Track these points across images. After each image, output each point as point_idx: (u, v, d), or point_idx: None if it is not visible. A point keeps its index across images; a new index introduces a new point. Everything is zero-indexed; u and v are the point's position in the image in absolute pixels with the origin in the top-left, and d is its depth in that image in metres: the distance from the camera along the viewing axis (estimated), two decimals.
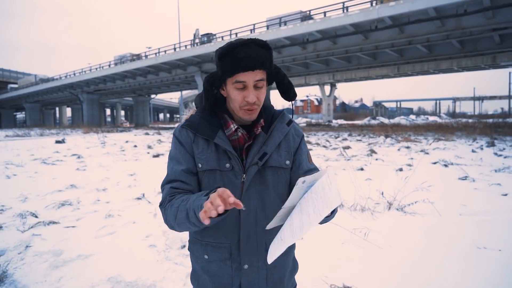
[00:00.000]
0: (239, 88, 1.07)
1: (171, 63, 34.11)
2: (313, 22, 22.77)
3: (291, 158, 1.18)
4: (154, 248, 3.19)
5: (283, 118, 1.19)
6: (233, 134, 1.12)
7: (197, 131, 1.12)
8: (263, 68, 1.06)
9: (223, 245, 1.12)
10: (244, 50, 1.03)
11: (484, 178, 6.24)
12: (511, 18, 17.95)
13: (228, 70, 1.05)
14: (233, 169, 1.09)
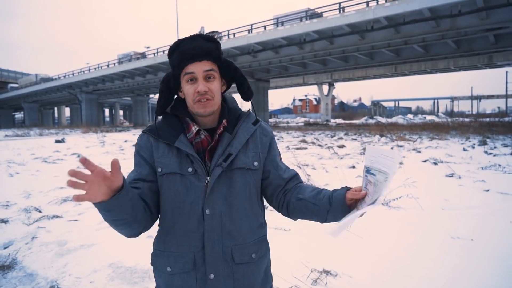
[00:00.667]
0: (189, 81, 1.07)
1: (167, 63, 34.27)
2: (310, 23, 23.01)
3: (260, 159, 1.14)
4: (151, 239, 3.41)
5: (248, 118, 1.17)
6: (195, 136, 1.11)
7: (157, 136, 1.10)
8: (210, 59, 1.07)
9: (186, 254, 1.07)
10: (189, 42, 1.06)
11: (470, 175, 6.49)
12: (504, 19, 18.21)
13: (177, 63, 1.07)
14: (196, 172, 1.07)
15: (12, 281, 2.59)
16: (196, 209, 1.05)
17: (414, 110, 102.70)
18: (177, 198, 1.07)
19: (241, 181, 1.10)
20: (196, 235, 1.06)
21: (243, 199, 1.10)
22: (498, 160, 8.28)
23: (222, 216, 1.07)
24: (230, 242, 1.07)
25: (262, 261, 1.15)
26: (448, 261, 2.83)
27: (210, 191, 1.05)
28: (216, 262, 1.06)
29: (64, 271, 2.68)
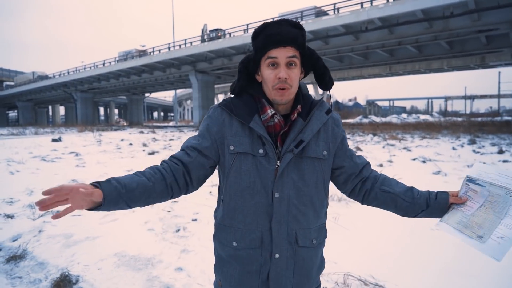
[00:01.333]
0: (271, 65, 1.07)
1: (165, 62, 34.44)
2: (305, 23, 23.25)
3: (329, 149, 1.15)
4: (152, 232, 3.65)
5: (322, 106, 1.16)
6: (269, 119, 1.11)
7: (233, 113, 1.11)
8: (294, 45, 1.06)
9: (254, 232, 1.10)
10: (275, 27, 1.05)
11: (456, 172, 6.77)
12: (495, 20, 18.57)
13: (260, 47, 1.07)
14: (267, 155, 1.08)
15: (24, 269, 2.81)
16: (266, 190, 1.08)
17: (408, 109, 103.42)
18: (248, 178, 1.09)
19: (309, 169, 1.11)
20: (264, 215, 1.09)
21: (310, 187, 1.12)
22: (484, 158, 8.59)
23: (289, 200, 1.09)
24: (296, 226, 1.10)
25: (320, 247, 1.20)
26: (425, 248, 3.08)
27: (280, 175, 1.07)
28: (282, 243, 1.09)
29: (73, 260, 2.90)
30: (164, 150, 11.95)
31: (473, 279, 2.51)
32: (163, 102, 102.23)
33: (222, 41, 28.77)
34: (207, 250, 3.08)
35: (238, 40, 27.41)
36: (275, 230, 1.08)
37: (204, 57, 31.37)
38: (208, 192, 5.46)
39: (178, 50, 32.87)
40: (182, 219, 4.08)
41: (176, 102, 61.26)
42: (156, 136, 19.96)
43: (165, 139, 17.58)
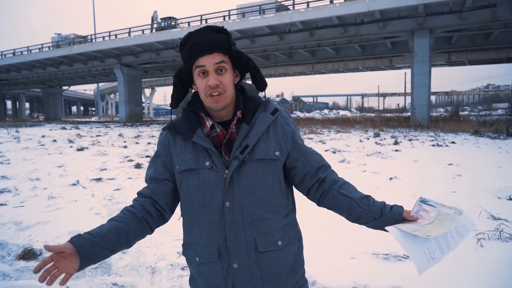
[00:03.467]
0: (201, 74, 1.06)
1: (87, 54, 32.68)
2: (232, 22, 24.12)
3: (282, 149, 1.13)
4: (99, 215, 4.16)
5: (267, 107, 1.14)
6: (210, 131, 1.12)
7: (175, 132, 1.13)
8: (221, 51, 1.05)
9: (211, 245, 1.10)
10: (199, 36, 1.04)
11: (357, 160, 8.18)
12: (397, 29, 21.38)
13: (187, 57, 1.07)
14: (214, 166, 1.08)
15: None
16: (216, 202, 1.08)
17: (331, 105, 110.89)
18: (197, 192, 1.10)
19: (261, 172, 1.09)
20: (218, 227, 1.08)
21: (264, 190, 1.10)
22: (381, 149, 10.31)
23: (242, 207, 1.07)
24: (253, 232, 1.08)
25: (289, 248, 1.16)
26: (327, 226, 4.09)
27: (228, 184, 1.06)
28: (240, 252, 1.08)
29: (32, 239, 3.33)
30: (93, 146, 11.88)
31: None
32: (83, 96, 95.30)
33: (149, 36, 28.32)
34: None
35: (166, 35, 27.26)
36: (231, 240, 1.08)
37: (130, 51, 30.50)
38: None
39: (101, 42, 31.46)
40: (123, 205, 4.58)
41: (99, 96, 58.02)
42: (80, 133, 19.22)
43: (92, 135, 17.12)
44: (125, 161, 8.56)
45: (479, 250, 2.95)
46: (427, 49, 20.55)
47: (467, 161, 7.86)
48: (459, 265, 2.70)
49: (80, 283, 2.53)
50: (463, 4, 18.34)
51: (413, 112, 21.63)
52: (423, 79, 20.82)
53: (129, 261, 2.87)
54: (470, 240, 3.12)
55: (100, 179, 6.27)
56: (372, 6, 19.59)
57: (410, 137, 13.85)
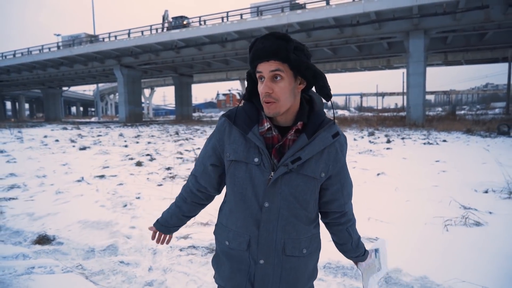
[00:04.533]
0: (260, 79, 1.10)
1: (87, 55, 33.04)
2: (231, 23, 24.48)
3: (328, 172, 1.16)
4: (104, 207, 4.51)
5: (330, 128, 1.16)
6: (266, 132, 1.14)
7: (234, 123, 1.16)
8: (278, 59, 1.06)
9: (243, 235, 1.17)
10: (262, 42, 1.07)
11: (348, 158, 8.51)
12: (393, 30, 21.73)
13: (250, 61, 1.12)
14: (262, 164, 1.12)
15: (3, 236, 3.53)
16: (256, 199, 1.13)
17: (329, 105, 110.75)
18: (241, 185, 1.16)
19: (303, 186, 1.14)
20: (253, 222, 1.15)
21: (301, 202, 1.15)
22: (374, 147, 10.67)
23: (279, 211, 1.13)
24: (284, 235, 1.15)
25: (311, 257, 1.24)
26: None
27: (271, 186, 1.11)
28: (268, 250, 1.15)
29: (45, 227, 3.69)
30: (95, 146, 12.23)
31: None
32: (83, 96, 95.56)
33: (149, 37, 28.68)
34: (152, 216, 4.05)
35: (165, 36, 27.60)
36: (262, 238, 1.14)
37: (130, 52, 30.85)
38: (146, 178, 6.35)
39: (102, 43, 31.82)
40: (127, 198, 4.96)
41: (98, 96, 58.32)
42: (81, 133, 19.56)
43: (93, 135, 17.46)
44: (126, 159, 8.90)
45: (444, 233, 3.31)
46: (422, 50, 20.91)
47: (454, 158, 8.22)
48: (426, 246, 3.06)
49: (91, 263, 2.88)
50: (456, 5, 18.70)
51: (408, 112, 21.99)
52: (418, 79, 21.18)
53: (133, 244, 3.22)
54: (437, 225, 3.49)
55: (103, 176, 6.61)
56: (367, 8, 19.96)
57: (403, 136, 14.22)
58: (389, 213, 3.96)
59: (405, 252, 2.90)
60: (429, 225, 3.56)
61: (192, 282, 2.48)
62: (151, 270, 2.71)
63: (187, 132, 19.26)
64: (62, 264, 2.79)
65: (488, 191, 4.99)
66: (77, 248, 3.18)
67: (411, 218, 3.80)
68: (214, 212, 1.58)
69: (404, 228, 3.51)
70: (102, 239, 3.37)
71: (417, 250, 2.98)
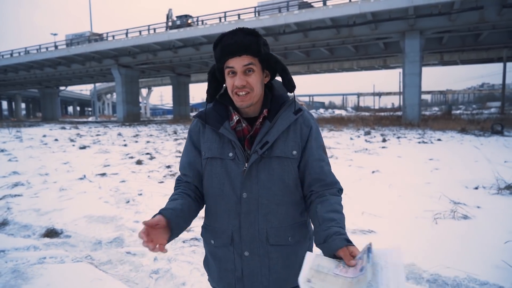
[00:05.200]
0: (230, 73, 1.12)
1: (85, 55, 33.06)
2: (228, 23, 24.62)
3: (299, 149, 1.16)
4: (108, 203, 4.67)
5: (290, 107, 1.18)
6: (236, 125, 1.18)
7: (205, 121, 1.20)
8: (249, 53, 1.09)
9: (226, 231, 1.16)
10: (230, 37, 1.09)
11: (344, 156, 8.71)
12: (389, 30, 21.95)
13: (218, 57, 1.12)
14: (237, 158, 1.14)
15: (12, 230, 3.68)
16: (234, 192, 1.14)
17: (327, 104, 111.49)
18: (218, 180, 1.17)
19: (278, 168, 1.14)
20: (234, 215, 1.15)
21: (280, 186, 1.14)
22: (369, 146, 10.86)
23: (258, 199, 1.13)
24: (266, 225, 1.14)
25: (300, 245, 1.20)
26: None
27: (247, 176, 1.12)
28: (251, 241, 1.14)
29: (52, 221, 3.84)
30: (95, 145, 12.37)
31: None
32: (80, 96, 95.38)
33: (146, 37, 28.76)
34: (155, 211, 4.18)
35: (163, 36, 27.71)
36: (244, 229, 1.14)
37: (127, 52, 30.93)
38: (147, 176, 6.51)
39: (99, 43, 31.86)
40: (129, 195, 5.12)
41: (96, 96, 58.31)
42: (80, 132, 19.67)
43: (92, 135, 17.58)
44: (126, 158, 9.05)
45: (433, 226, 3.49)
46: (417, 50, 21.14)
47: (447, 156, 8.42)
48: (415, 237, 3.24)
49: (99, 254, 3.04)
50: (451, 6, 18.93)
51: (404, 111, 22.22)
52: (414, 79, 21.41)
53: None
54: (427, 218, 3.67)
55: (104, 174, 6.76)
56: (363, 8, 20.16)
57: (399, 135, 14.43)
58: (382, 208, 4.14)
59: (394, 242, 3.08)
60: (420, 219, 3.74)
61: (196, 270, 2.65)
62: (156, 260, 2.87)
63: (185, 132, 19.40)
64: (71, 255, 2.95)
65: (478, 187, 5.18)
66: (84, 240, 3.34)
67: (402, 212, 3.98)
68: None
69: (396, 221, 3.69)
70: (108, 232, 3.53)
71: (406, 240, 3.16)
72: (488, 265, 2.64)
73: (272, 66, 1.17)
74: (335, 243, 0.98)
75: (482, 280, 2.43)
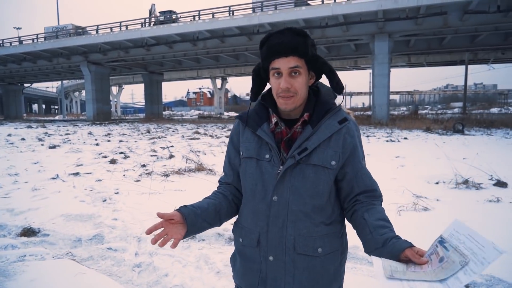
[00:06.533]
0: (276, 74, 1.10)
1: (52, 51, 31.91)
2: (202, 22, 24.57)
3: (339, 159, 1.12)
4: (84, 202, 4.67)
5: (335, 115, 1.14)
6: (275, 127, 1.16)
7: (245, 123, 1.20)
8: (297, 54, 1.07)
9: (253, 232, 1.15)
10: (278, 37, 1.08)
11: None
12: (360, 32, 22.67)
13: (264, 57, 1.11)
14: (272, 160, 1.12)
15: None
16: (266, 193, 1.13)
17: None
18: (252, 180, 1.16)
19: (314, 176, 1.10)
20: (262, 217, 1.13)
21: (313, 194, 1.11)
22: None
23: (288, 205, 1.10)
24: (294, 231, 1.10)
25: (330, 258, 1.14)
26: None
27: (280, 179, 1.10)
28: (278, 246, 1.11)
29: (28, 220, 3.83)
30: (65, 144, 12.07)
31: None
32: (45, 94, 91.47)
33: (118, 33, 28.15)
34: (133, 209, 4.28)
35: (136, 33, 27.23)
36: (272, 233, 1.11)
37: (98, 48, 30.15)
38: (122, 175, 6.51)
39: (68, 39, 30.85)
40: (105, 193, 5.13)
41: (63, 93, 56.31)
42: (48, 131, 19.04)
43: (61, 134, 17.09)
44: (99, 157, 8.94)
45: (397, 217, 3.79)
46: (386, 52, 21.96)
47: (412, 154, 8.91)
48: None
49: (79, 250, 3.10)
50: (418, 11, 19.82)
51: (373, 111, 23.02)
52: (383, 79, 22.24)
53: (118, 233, 3.45)
54: (391, 211, 3.97)
55: (78, 174, 6.69)
56: (335, 11, 20.73)
57: (368, 134, 14.99)
58: None
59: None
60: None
61: (177, 262, 2.78)
62: (137, 255, 2.97)
63: (159, 131, 19.22)
64: (52, 252, 2.99)
65: (438, 182, 5.59)
66: (64, 238, 3.37)
67: None
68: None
69: None
70: (87, 229, 3.58)
71: None
72: None
73: (318, 68, 1.15)
74: (399, 243, 0.96)
75: None
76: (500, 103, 53.55)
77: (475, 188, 5.07)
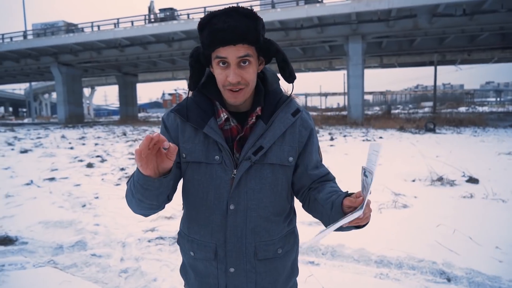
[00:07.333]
0: (220, 64, 0.94)
1: (20, 51, 30.62)
2: (177, 23, 24.32)
3: (295, 154, 1.04)
4: (63, 208, 4.53)
5: (288, 107, 1.04)
6: (224, 123, 1.02)
7: (186, 118, 1.01)
8: (247, 42, 0.91)
9: (208, 244, 1.03)
10: (223, 20, 0.88)
11: None
12: (334, 34, 23.09)
13: (207, 44, 0.93)
14: (223, 162, 0.99)
15: None
16: (220, 202, 1.01)
17: None
18: (201, 188, 1.02)
19: (271, 177, 1.02)
20: (219, 229, 1.02)
21: (272, 196, 1.03)
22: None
23: (247, 212, 1.01)
24: (254, 239, 1.03)
25: (288, 255, 1.11)
26: None
27: (236, 186, 0.99)
28: (238, 257, 1.03)
29: (4, 229, 3.67)
30: (37, 149, 11.62)
31: None
32: (12, 96, 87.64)
33: (90, 34, 27.41)
34: (115, 214, 4.19)
35: (109, 34, 26.58)
36: (230, 244, 1.02)
37: (69, 49, 29.19)
38: (101, 179, 6.35)
39: (36, 39, 29.70)
40: (84, 198, 4.99)
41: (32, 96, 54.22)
42: (17, 135, 18.28)
43: (32, 138, 16.43)
44: (75, 161, 8.68)
45: (378, 215, 3.90)
46: (360, 53, 22.48)
47: (388, 152, 9.16)
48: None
49: (61, 258, 3.01)
50: (389, 14, 20.42)
51: (349, 111, 23.50)
52: (357, 80, 22.75)
53: (101, 239, 3.38)
54: (373, 208, 4.08)
55: (53, 179, 6.47)
56: (310, 13, 21.04)
57: (345, 134, 15.30)
58: None
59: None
60: None
61: (165, 266, 2.76)
62: (123, 261, 2.91)
63: (135, 133, 18.85)
64: (32, 261, 2.89)
65: (415, 180, 5.79)
66: (44, 246, 3.26)
67: None
68: (177, 206, 1.42)
69: None
70: (68, 236, 3.48)
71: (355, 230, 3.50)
72: (424, 245, 3.06)
73: (268, 56, 1.02)
74: (338, 199, 0.93)
75: (419, 257, 2.82)
76: (467, 102, 55.92)
77: (449, 185, 5.29)
